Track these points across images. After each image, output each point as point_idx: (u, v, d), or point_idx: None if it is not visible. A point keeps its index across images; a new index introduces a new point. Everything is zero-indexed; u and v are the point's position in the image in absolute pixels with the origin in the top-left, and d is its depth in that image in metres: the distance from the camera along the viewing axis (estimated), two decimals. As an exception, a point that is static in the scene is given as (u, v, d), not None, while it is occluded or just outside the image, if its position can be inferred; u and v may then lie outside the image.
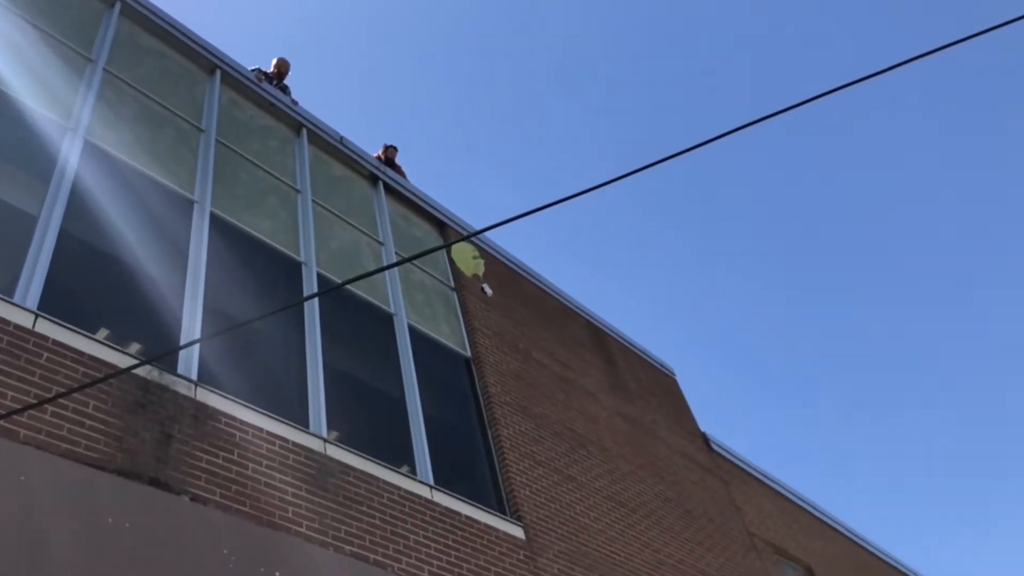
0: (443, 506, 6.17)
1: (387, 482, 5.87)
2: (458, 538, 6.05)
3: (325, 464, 5.52)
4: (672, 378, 12.81)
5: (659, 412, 11.30)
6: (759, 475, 12.57)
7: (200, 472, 4.65)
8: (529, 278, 10.90)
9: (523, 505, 7.04)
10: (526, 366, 8.99)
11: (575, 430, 8.87)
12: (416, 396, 7.05)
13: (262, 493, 4.91)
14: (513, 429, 7.83)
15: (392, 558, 5.39)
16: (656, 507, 9.08)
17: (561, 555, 6.94)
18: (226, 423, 5.07)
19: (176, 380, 5.00)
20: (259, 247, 6.85)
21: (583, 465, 8.45)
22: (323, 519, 5.15)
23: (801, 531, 12.47)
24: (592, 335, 11.35)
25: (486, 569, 6.04)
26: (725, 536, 10.00)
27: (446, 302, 8.78)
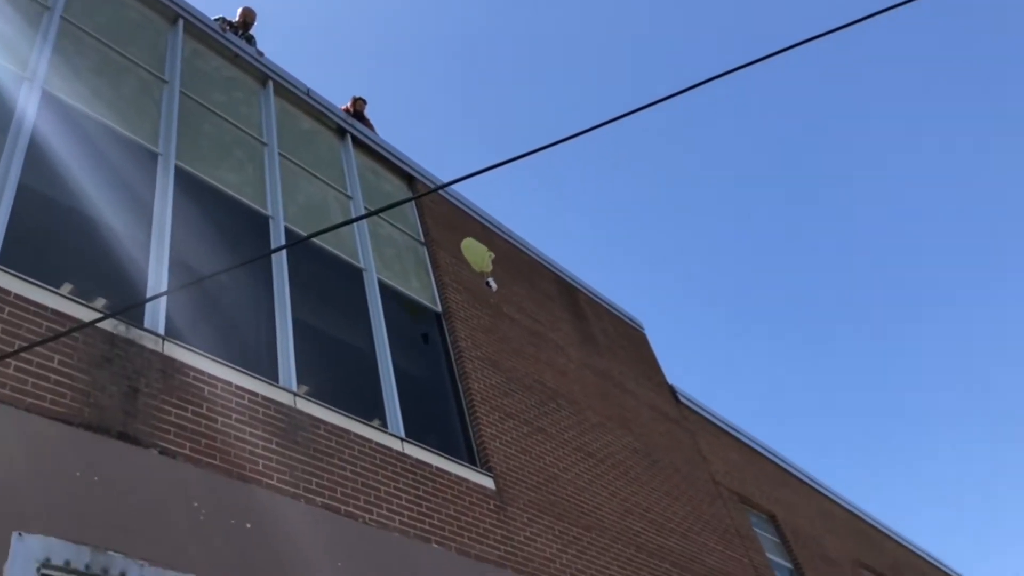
0: (414, 458, 6.24)
1: (358, 435, 5.91)
2: (429, 489, 6.13)
3: (295, 418, 5.54)
4: (640, 332, 12.95)
5: (627, 365, 11.44)
6: (725, 426, 12.83)
7: (169, 426, 4.66)
8: (500, 233, 10.89)
9: (493, 456, 7.13)
10: (496, 321, 9.04)
11: (545, 383, 8.97)
12: (386, 350, 7.07)
13: (232, 447, 4.93)
14: (484, 383, 7.90)
15: (363, 509, 5.45)
16: (624, 457, 9.25)
17: (530, 504, 7.07)
18: (194, 377, 5.06)
19: (143, 334, 4.97)
20: (225, 201, 6.77)
21: (552, 417, 8.56)
22: (293, 472, 5.19)
23: (765, 480, 12.78)
24: (562, 289, 11.41)
25: (456, 519, 6.14)
26: (691, 485, 10.22)
27: (416, 257, 8.76)
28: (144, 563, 3.95)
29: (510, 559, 6.31)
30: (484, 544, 6.20)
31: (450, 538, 5.94)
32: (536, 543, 6.74)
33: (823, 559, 12.31)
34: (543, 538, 6.86)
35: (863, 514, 15.86)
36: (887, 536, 16.42)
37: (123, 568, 3.85)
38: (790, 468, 14.13)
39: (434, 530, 5.86)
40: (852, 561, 13.45)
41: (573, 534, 7.28)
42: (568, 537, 7.18)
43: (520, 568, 6.33)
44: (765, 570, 10.18)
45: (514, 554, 6.40)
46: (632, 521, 8.34)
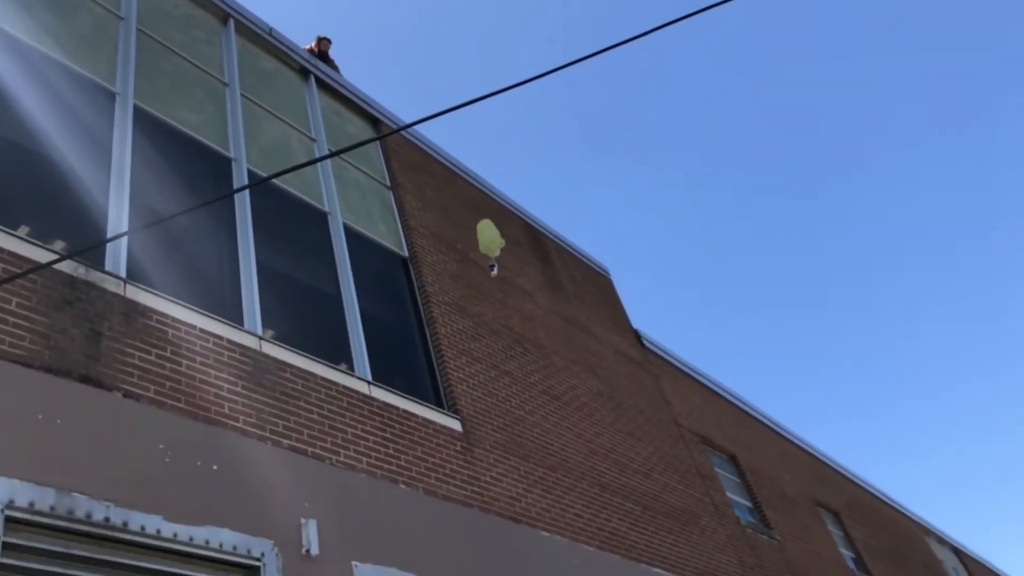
0: (381, 401, 6.28)
1: (324, 378, 5.93)
2: (396, 431, 6.20)
3: (261, 361, 5.54)
4: (607, 277, 13.05)
5: (593, 310, 11.55)
6: (688, 370, 13.06)
7: (132, 369, 4.63)
8: (466, 178, 10.83)
9: (460, 399, 7.21)
10: (463, 266, 9.04)
11: (512, 328, 9.03)
12: (353, 295, 7.06)
13: (197, 389, 4.92)
14: (451, 327, 7.93)
15: (330, 451, 5.50)
16: (589, 400, 9.39)
17: (497, 446, 7.18)
18: (158, 320, 5.02)
19: (104, 277, 4.90)
20: (186, 142, 6.63)
21: (519, 361, 8.65)
22: (260, 414, 5.20)
23: (726, 422, 13.08)
24: (529, 235, 11.42)
25: (423, 460, 6.23)
26: (654, 427, 10.44)
27: (382, 201, 8.69)
28: (110, 504, 3.96)
29: (476, 498, 6.43)
30: (451, 484, 6.30)
31: (417, 478, 6.03)
32: (502, 483, 6.87)
33: (781, 498, 12.71)
34: (509, 478, 6.99)
35: (820, 454, 16.33)
36: (842, 475, 16.96)
37: (88, 509, 3.86)
38: (751, 410, 14.47)
39: (401, 471, 5.94)
40: (809, 499, 13.90)
41: (538, 474, 7.42)
42: (533, 477, 7.32)
43: (486, 507, 6.45)
44: (725, 508, 10.48)
45: (480, 493, 6.52)
46: (596, 461, 8.51)
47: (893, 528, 17.33)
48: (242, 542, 4.41)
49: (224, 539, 4.34)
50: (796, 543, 11.77)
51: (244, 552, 4.39)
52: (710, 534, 9.57)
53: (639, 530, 8.24)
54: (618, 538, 7.80)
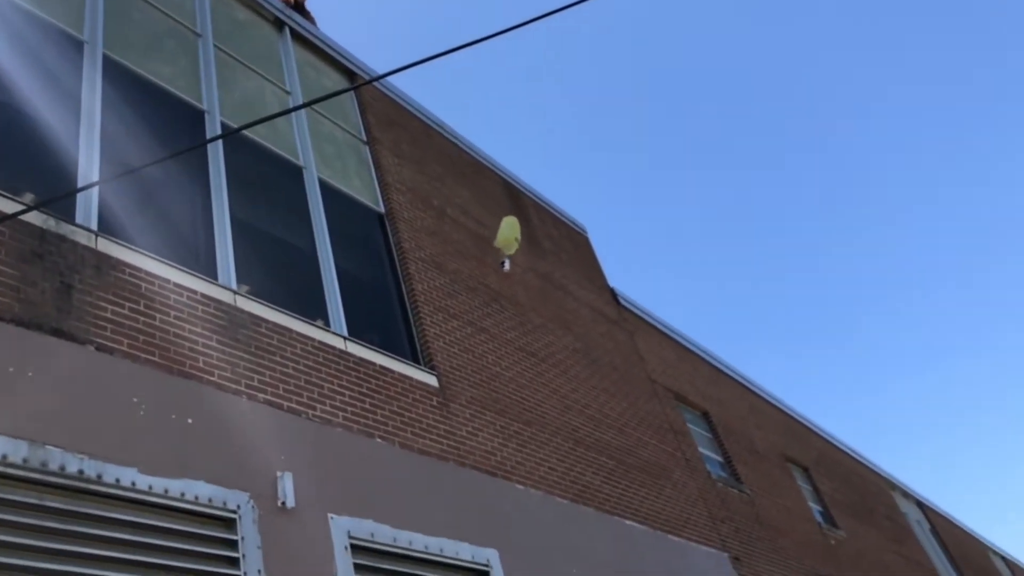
0: (357, 356, 6.30)
1: (300, 333, 5.93)
2: (372, 386, 6.22)
3: (236, 316, 5.52)
4: (584, 235, 13.07)
5: (570, 268, 11.59)
6: (662, 327, 13.18)
7: (105, 323, 4.60)
8: (443, 133, 10.74)
9: (436, 356, 7.24)
10: (440, 222, 9.01)
11: (488, 285, 9.05)
12: (328, 250, 7.02)
13: (171, 343, 4.91)
14: (427, 284, 7.93)
15: (306, 405, 5.53)
16: (564, 357, 9.47)
17: (473, 401, 7.24)
18: (130, 274, 4.98)
19: (75, 230, 4.84)
20: (158, 94, 6.51)
21: (496, 318, 8.68)
22: (235, 369, 5.20)
23: (699, 378, 13.26)
24: (506, 192, 11.38)
25: (400, 415, 6.27)
26: (628, 383, 10.56)
27: (358, 156, 8.61)
28: (84, 457, 3.97)
29: (452, 452, 6.50)
30: (427, 439, 6.36)
31: (393, 433, 6.08)
32: (478, 437, 6.94)
33: (752, 452, 12.95)
34: (485, 432, 7.07)
35: (790, 411, 16.63)
36: (812, 431, 17.30)
37: (62, 462, 3.87)
38: (723, 367, 14.66)
39: (377, 425, 5.98)
40: (779, 454, 14.18)
41: (514, 429, 7.50)
42: (509, 432, 7.40)
43: (462, 460, 6.53)
44: (697, 463, 10.68)
45: (456, 448, 6.59)
46: (571, 417, 8.62)
47: (860, 483, 17.76)
48: (218, 494, 4.44)
49: (200, 492, 4.37)
50: (765, 497, 12.04)
51: (220, 504, 4.42)
52: (681, 487, 9.75)
53: (612, 483, 8.39)
54: (591, 491, 7.93)
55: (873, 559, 14.52)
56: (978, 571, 21.59)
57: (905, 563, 16.14)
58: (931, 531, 20.69)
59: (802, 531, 12.42)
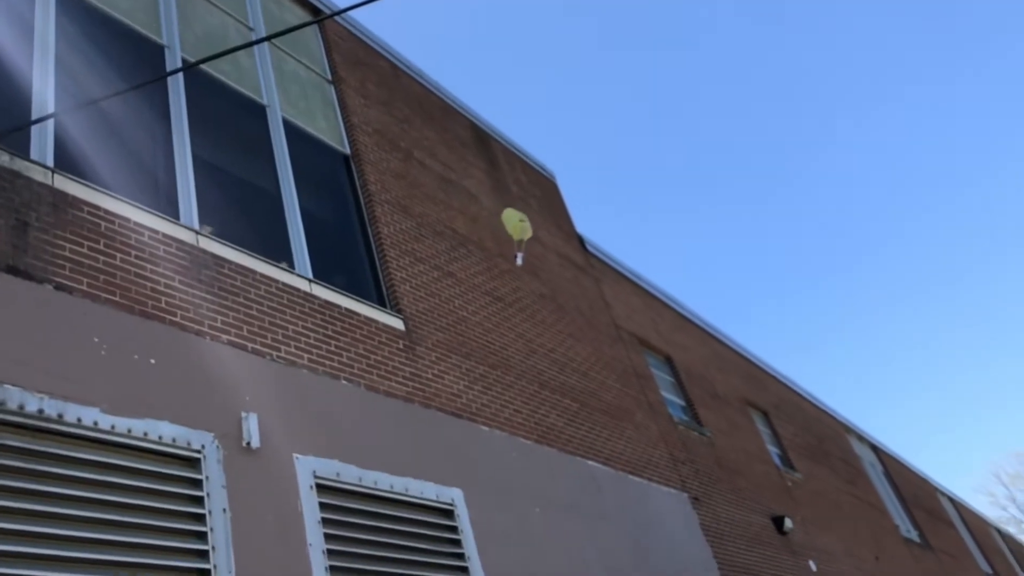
0: (322, 299, 6.28)
1: (264, 275, 5.88)
2: (337, 328, 6.22)
3: (198, 256, 5.46)
4: (552, 181, 13.03)
5: (538, 213, 11.57)
6: (628, 274, 13.28)
7: (64, 261, 4.53)
8: (411, 74, 10.56)
9: (403, 299, 7.23)
10: (407, 165, 8.92)
11: (456, 230, 9.02)
12: (292, 191, 6.93)
13: (132, 283, 4.85)
14: (394, 227, 7.88)
15: (271, 347, 5.51)
16: (531, 302, 9.52)
17: (439, 344, 7.27)
18: (89, 212, 4.88)
19: (30, 166, 4.72)
20: (116, 28, 6.31)
21: (463, 263, 8.68)
22: (198, 309, 5.16)
23: (663, 324, 13.43)
24: (475, 136, 11.28)
25: (366, 357, 6.29)
26: (594, 328, 10.66)
27: (323, 96, 8.45)
28: (44, 396, 3.94)
29: (418, 394, 6.55)
30: (393, 381, 6.39)
31: (359, 375, 6.10)
32: (444, 380, 6.99)
33: (713, 396, 13.22)
34: (451, 375, 7.12)
35: (751, 356, 16.95)
36: (772, 376, 17.67)
37: (21, 401, 3.84)
38: (687, 314, 14.85)
39: (343, 367, 5.99)
40: (739, 399, 14.49)
41: (480, 372, 7.57)
42: (475, 374, 7.47)
43: (428, 402, 6.58)
44: (659, 406, 10.88)
45: (422, 390, 6.64)
46: (536, 360, 8.70)
47: (817, 427, 18.25)
48: (182, 434, 4.44)
49: (163, 431, 4.37)
50: (725, 439, 12.34)
51: (184, 444, 4.43)
52: (643, 430, 9.95)
53: (576, 425, 8.53)
54: (555, 432, 8.06)
55: (828, 500, 15.01)
56: (927, 511, 22.43)
57: (858, 503, 16.71)
58: (884, 473, 21.39)
59: (760, 473, 12.77)
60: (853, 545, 14.42)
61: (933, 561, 19.19)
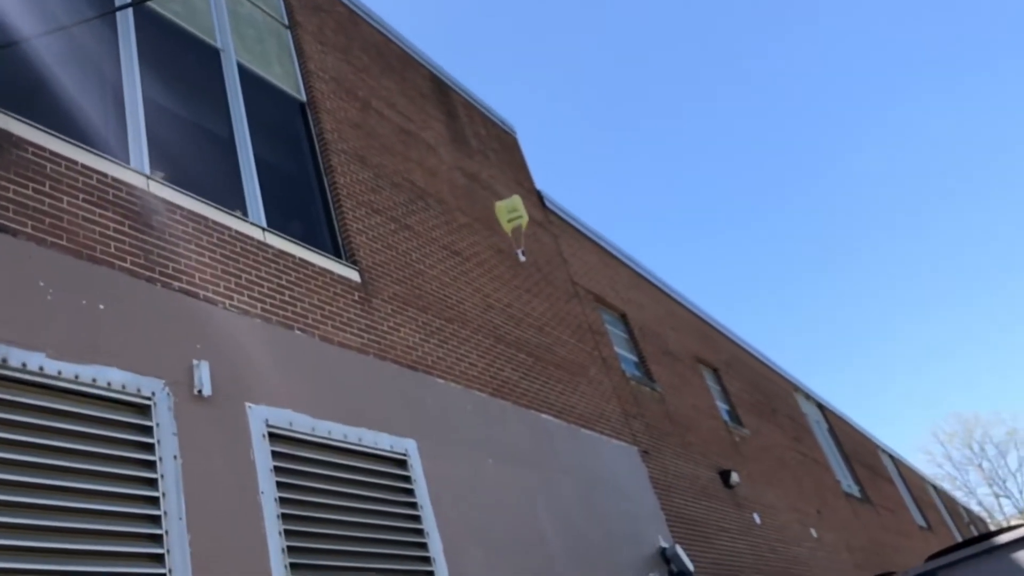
0: (276, 248, 6.21)
1: (217, 222, 5.79)
2: (292, 279, 6.17)
3: (149, 201, 5.34)
4: (512, 136, 12.95)
5: (498, 168, 11.52)
6: (586, 231, 13.34)
7: (7, 203, 4.40)
8: (370, 22, 10.34)
9: (359, 251, 7.18)
10: (365, 115, 8.79)
11: (414, 182, 8.94)
12: (247, 138, 6.80)
13: (80, 227, 4.74)
14: (350, 177, 7.79)
15: (223, 295, 5.45)
16: (488, 257, 9.53)
17: (395, 297, 7.26)
18: (34, 153, 4.74)
19: (-30, 104, 4.55)
20: (59, -40, 6.05)
21: (420, 216, 8.63)
22: (149, 255, 5.07)
23: (620, 282, 13.56)
24: (435, 87, 11.13)
25: (320, 308, 6.25)
26: (551, 284, 10.72)
27: (279, 41, 8.25)
28: (-11, 339, 3.86)
29: (373, 346, 6.55)
30: (348, 332, 6.38)
31: (313, 325, 6.07)
32: (399, 332, 6.99)
33: (665, 353, 13.44)
34: (406, 328, 7.12)
35: (704, 315, 17.22)
36: (724, 335, 17.99)
37: (-33, 344, 3.75)
38: (643, 272, 15.00)
39: (297, 317, 5.96)
40: (691, 356, 14.75)
41: (436, 325, 7.58)
42: (431, 328, 7.48)
43: (382, 355, 6.59)
44: (613, 362, 11.03)
45: (377, 342, 6.63)
46: (493, 315, 8.74)
47: (766, 384, 18.68)
48: (131, 381, 4.40)
49: (112, 378, 4.32)
50: (676, 395, 12.58)
51: (134, 391, 4.39)
52: (597, 384, 10.09)
53: (530, 379, 8.62)
54: (510, 386, 8.14)
55: (774, 455, 15.44)
56: (868, 468, 23.22)
57: (803, 459, 17.22)
58: (828, 431, 22.05)
59: (709, 428, 13.07)
60: (797, 499, 14.89)
61: (872, 515, 19.94)
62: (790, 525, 13.69)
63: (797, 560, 12.98)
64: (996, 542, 6.11)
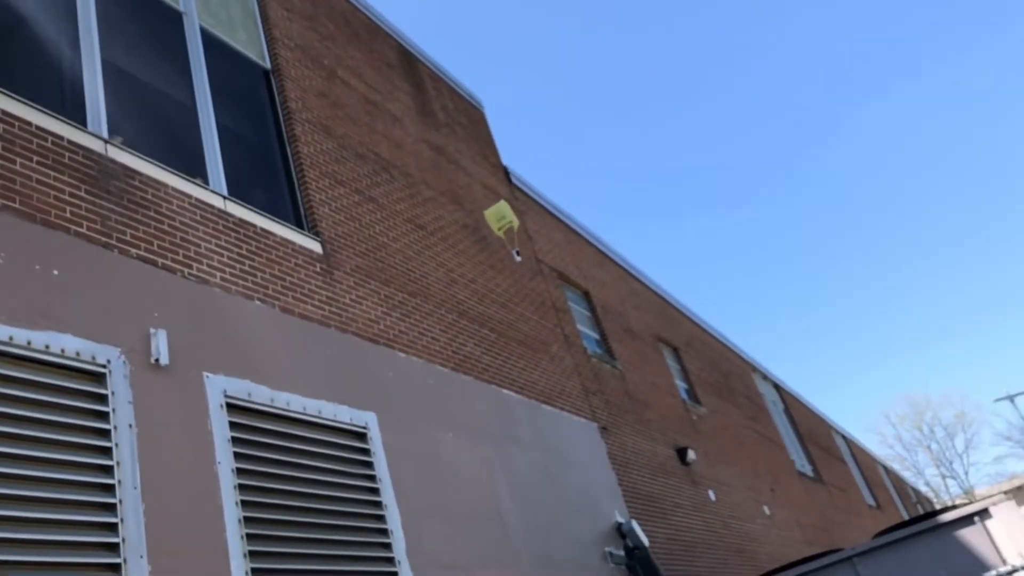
0: (237, 217, 6.12)
1: (177, 189, 5.69)
2: (252, 248, 6.10)
3: (107, 166, 5.23)
4: (480, 111, 12.88)
5: (464, 143, 11.46)
6: (552, 209, 13.35)
7: (-42, 164, 4.28)
8: (338, -11, 10.17)
9: (322, 222, 7.12)
10: (330, 84, 8.67)
11: (379, 154, 8.86)
12: (209, 105, 6.68)
13: (34, 191, 4.63)
14: (314, 147, 7.69)
15: (182, 263, 5.37)
16: (453, 232, 9.50)
17: (358, 270, 7.22)
18: (-15, 113, 4.61)
19: (-82, 60, 4.41)
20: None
21: (385, 188, 8.56)
22: (106, 221, 4.98)
23: (584, 260, 13.62)
24: (402, 59, 11.01)
25: (281, 279, 6.20)
26: (515, 261, 10.73)
27: (244, 6, 8.08)
28: (-62, 303, 3.77)
29: (334, 319, 6.51)
30: (309, 304, 6.33)
31: (274, 296, 6.02)
32: (361, 305, 6.96)
33: (627, 332, 13.56)
34: (368, 301, 7.09)
35: (666, 295, 17.38)
36: (685, 315, 18.19)
37: (-86, 307, 3.66)
38: (607, 251, 15.08)
39: (257, 288, 5.90)
40: (652, 335, 14.90)
41: (399, 299, 7.56)
42: (393, 301, 7.45)
43: (344, 327, 6.56)
44: (575, 339, 11.10)
45: (339, 314, 6.60)
46: (457, 290, 8.74)
47: (724, 364, 18.95)
48: (86, 348, 4.33)
49: (67, 344, 4.24)
50: (636, 373, 12.72)
51: (88, 358, 4.32)
52: (558, 361, 10.16)
53: (492, 355, 8.65)
54: (472, 361, 8.16)
55: (730, 434, 15.71)
56: (822, 448, 23.73)
57: (759, 438, 17.55)
58: (784, 411, 22.46)
59: (667, 406, 13.25)
60: (751, 478, 15.19)
61: (823, 493, 20.41)
62: (744, 502, 13.97)
63: (750, 536, 13.26)
64: (940, 520, 6.30)
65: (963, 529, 6.25)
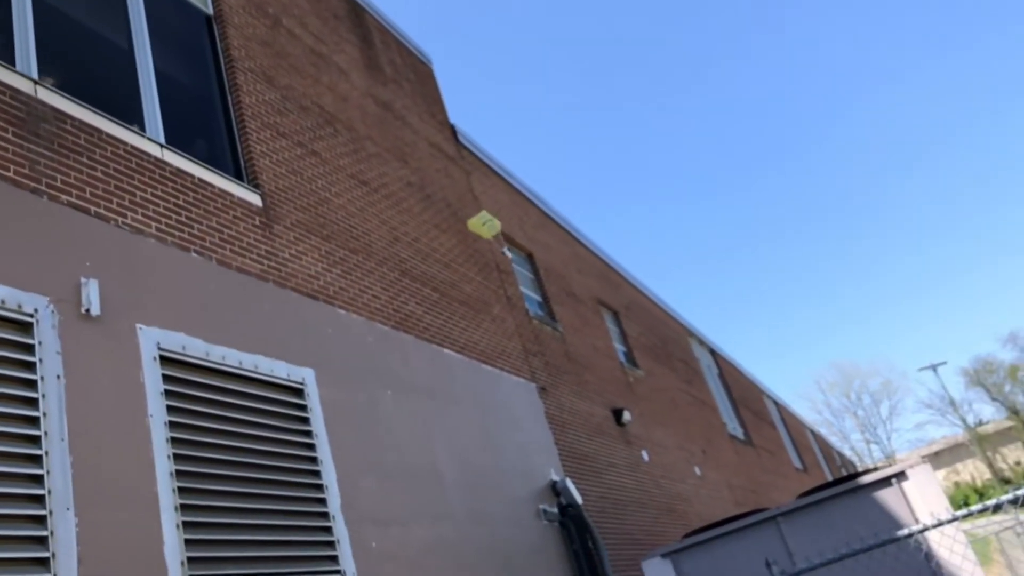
0: (174, 166, 5.98)
1: (111, 135, 5.53)
2: (189, 199, 5.97)
3: (36, 108, 5.05)
4: (428, 67, 12.72)
5: (411, 99, 11.32)
6: (498, 169, 13.32)
7: None
8: (284, -66, 9.87)
9: (262, 174, 7.00)
10: (275, 33, 8.46)
11: (323, 107, 8.71)
12: (147, 49, 6.47)
13: (-42, 131, 4.45)
14: (256, 98, 7.52)
15: (116, 212, 5.24)
16: (397, 189, 9.42)
17: (298, 224, 7.13)
18: (-95, 48, 4.39)
19: None
20: None
21: (328, 142, 8.43)
22: (35, 166, 4.82)
23: (529, 222, 13.66)
24: (349, 9, 10.78)
25: (219, 231, 6.09)
26: (460, 221, 10.71)
27: (185, -54, 7.79)
28: None
29: (273, 273, 6.44)
30: (247, 258, 6.25)
31: (211, 249, 5.92)
32: (301, 260, 6.89)
33: (568, 295, 13.69)
34: (309, 256, 7.02)
35: (608, 259, 17.57)
36: (626, 280, 18.43)
37: None
38: (552, 214, 15.14)
39: (194, 239, 5.79)
40: (593, 298, 15.08)
41: (340, 255, 7.50)
42: (335, 258, 7.40)
43: (282, 283, 6.49)
44: (517, 300, 11.18)
45: (278, 269, 6.53)
46: (400, 248, 8.70)
47: (662, 329, 19.31)
48: (11, 296, 4.22)
49: (-8, 292, 4.13)
50: (576, 335, 12.88)
51: (14, 306, 4.21)
52: (500, 322, 10.23)
53: (434, 314, 8.66)
54: (413, 320, 8.17)
55: (666, 396, 16.07)
56: (753, 412, 24.44)
57: (693, 401, 17.99)
58: (719, 375, 23.03)
59: (605, 368, 13.47)
60: (684, 439, 15.60)
61: (753, 456, 21.08)
62: (676, 463, 14.36)
63: (680, 496, 13.66)
64: (860, 482, 6.59)
65: (881, 491, 6.55)
